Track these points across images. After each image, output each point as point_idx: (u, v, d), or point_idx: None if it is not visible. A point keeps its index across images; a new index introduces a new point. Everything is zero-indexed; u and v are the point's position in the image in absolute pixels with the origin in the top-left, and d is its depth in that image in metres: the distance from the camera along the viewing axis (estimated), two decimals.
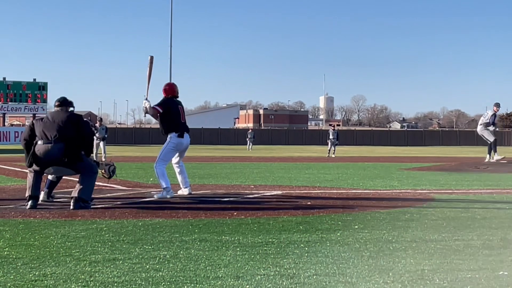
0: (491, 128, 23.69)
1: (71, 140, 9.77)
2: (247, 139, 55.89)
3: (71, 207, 9.42)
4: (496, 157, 23.49)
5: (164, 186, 11.14)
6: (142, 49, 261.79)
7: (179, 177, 11.73)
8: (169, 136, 11.50)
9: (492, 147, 23.64)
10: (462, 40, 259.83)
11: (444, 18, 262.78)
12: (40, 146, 9.74)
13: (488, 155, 23.69)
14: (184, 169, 11.81)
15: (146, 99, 11.60)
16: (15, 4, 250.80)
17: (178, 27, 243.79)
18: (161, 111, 11.42)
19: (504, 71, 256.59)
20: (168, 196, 10.99)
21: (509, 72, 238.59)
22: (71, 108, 10.29)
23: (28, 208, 9.38)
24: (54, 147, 9.67)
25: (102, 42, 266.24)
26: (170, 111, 11.48)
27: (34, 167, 9.80)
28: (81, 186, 9.66)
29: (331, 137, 37.45)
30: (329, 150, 37.19)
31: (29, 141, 9.89)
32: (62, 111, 10.08)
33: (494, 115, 23.71)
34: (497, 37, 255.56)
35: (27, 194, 9.68)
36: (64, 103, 10.21)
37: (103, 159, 26.29)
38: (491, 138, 23.65)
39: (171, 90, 11.69)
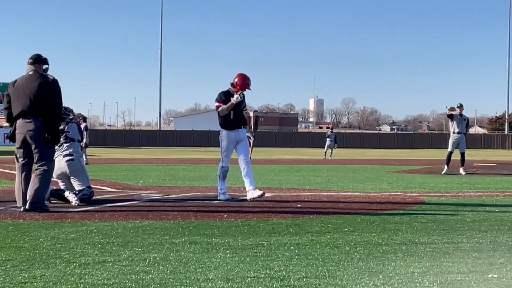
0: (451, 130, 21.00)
1: (48, 115, 9.35)
2: None
3: (26, 207, 9.14)
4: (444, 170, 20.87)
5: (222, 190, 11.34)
6: (132, 50, 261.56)
7: (246, 180, 11.45)
8: (222, 131, 11.43)
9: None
10: (451, 43, 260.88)
11: (433, 21, 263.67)
12: (19, 123, 9.42)
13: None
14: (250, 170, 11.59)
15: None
16: (2, 4, 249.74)
17: (168, 28, 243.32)
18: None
19: (493, 74, 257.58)
20: (223, 199, 11.18)
21: (498, 75, 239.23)
22: (46, 66, 9.66)
23: (22, 211, 9.19)
24: (33, 123, 9.32)
25: (91, 43, 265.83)
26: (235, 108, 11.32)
27: (20, 161, 9.52)
28: (35, 187, 9.23)
29: (328, 139, 37.38)
30: (325, 152, 37.10)
31: (10, 110, 9.53)
32: (33, 77, 9.43)
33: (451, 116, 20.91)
34: (487, 41, 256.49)
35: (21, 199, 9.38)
36: (37, 60, 9.61)
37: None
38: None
39: (243, 85, 11.38)
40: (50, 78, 9.48)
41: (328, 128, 49.41)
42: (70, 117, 10.83)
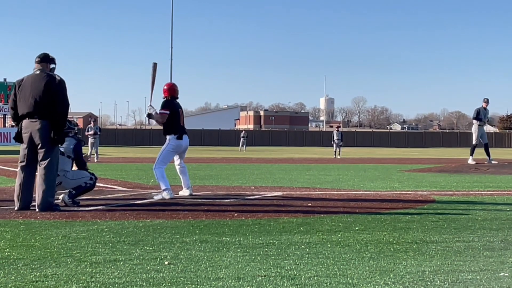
0: (475, 123, 23.04)
1: (54, 115, 9.28)
2: (241, 139, 57.21)
3: (37, 209, 9.20)
4: (469, 161, 23.18)
5: (164, 188, 11.15)
6: (143, 50, 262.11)
7: (181, 178, 11.79)
8: (168, 138, 11.54)
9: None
10: (462, 42, 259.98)
11: (444, 20, 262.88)
12: (25, 123, 9.38)
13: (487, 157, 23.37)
14: (186, 170, 11.88)
15: (151, 105, 11.58)
16: (16, 2, 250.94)
17: (179, 28, 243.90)
18: (168, 113, 11.43)
19: (505, 72, 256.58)
20: (168, 197, 10.99)
21: (510, 73, 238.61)
22: (53, 65, 9.56)
23: (17, 209, 9.33)
24: (39, 123, 9.27)
25: (102, 43, 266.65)
26: (172, 113, 11.51)
27: (21, 163, 9.52)
28: (43, 189, 9.26)
29: (335, 138, 37.44)
30: (335, 151, 37.17)
31: (16, 109, 9.48)
32: (40, 77, 9.33)
33: (478, 110, 23.02)
34: (498, 38, 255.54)
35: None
36: (44, 59, 9.49)
37: (95, 159, 26.93)
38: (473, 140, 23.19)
39: (171, 90, 11.70)
40: (57, 78, 9.41)
41: (331, 126, 50.00)
42: (75, 130, 10.57)
